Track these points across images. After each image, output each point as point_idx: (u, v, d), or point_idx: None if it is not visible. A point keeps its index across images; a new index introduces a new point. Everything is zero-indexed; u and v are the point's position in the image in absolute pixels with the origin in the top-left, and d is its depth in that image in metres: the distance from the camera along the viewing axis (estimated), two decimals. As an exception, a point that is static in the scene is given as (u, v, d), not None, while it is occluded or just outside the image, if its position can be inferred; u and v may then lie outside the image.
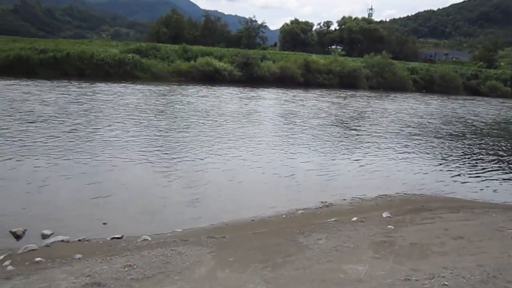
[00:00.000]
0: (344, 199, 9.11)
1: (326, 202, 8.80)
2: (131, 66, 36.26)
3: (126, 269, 4.79)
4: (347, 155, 13.33)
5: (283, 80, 41.07)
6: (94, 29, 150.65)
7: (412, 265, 5.23)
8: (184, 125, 16.14)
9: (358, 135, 17.23)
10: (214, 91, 30.68)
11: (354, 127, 19.13)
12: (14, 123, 14.03)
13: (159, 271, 4.78)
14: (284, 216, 7.84)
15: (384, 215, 7.87)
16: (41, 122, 14.61)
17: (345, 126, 19.29)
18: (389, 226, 7.00)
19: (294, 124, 18.46)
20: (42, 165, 9.82)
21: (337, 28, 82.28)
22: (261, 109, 22.95)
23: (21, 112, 16.03)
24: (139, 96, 24.31)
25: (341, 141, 15.56)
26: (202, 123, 16.93)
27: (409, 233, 6.66)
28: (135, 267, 4.85)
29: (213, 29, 67.50)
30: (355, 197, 9.27)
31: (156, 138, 13.69)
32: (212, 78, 37.80)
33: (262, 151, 12.92)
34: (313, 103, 28.00)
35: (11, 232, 6.34)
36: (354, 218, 7.51)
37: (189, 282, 4.54)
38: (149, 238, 6.19)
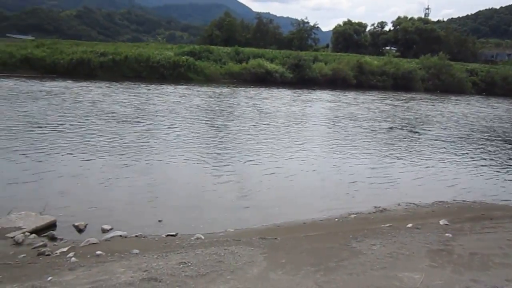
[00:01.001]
0: (399, 205, 8.85)
1: (380, 207, 8.59)
2: (185, 68, 37.19)
3: (181, 266, 4.90)
4: (402, 159, 12.94)
5: (335, 82, 40.55)
6: (150, 32, 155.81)
7: (472, 276, 4.99)
8: (238, 127, 16.33)
9: (417, 138, 16.68)
10: (266, 93, 30.82)
11: (415, 131, 18.52)
12: (99, 122, 14.88)
13: (212, 269, 4.86)
14: (336, 219, 7.73)
15: (441, 222, 7.57)
16: (115, 121, 15.39)
17: (405, 129, 18.70)
18: (446, 234, 6.72)
19: (348, 127, 18.18)
20: (105, 163, 10.32)
21: (392, 28, 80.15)
22: (314, 111, 22.80)
23: (105, 112, 16.91)
24: (197, 98, 24.88)
25: (397, 144, 15.13)
26: (255, 124, 17.07)
27: (468, 242, 6.36)
28: (190, 264, 4.96)
29: (265, 31, 67.91)
30: (410, 203, 8.97)
31: (211, 138, 13.97)
32: (264, 80, 38.00)
33: (315, 154, 12.82)
34: (368, 105, 27.44)
35: (74, 225, 6.69)
36: (410, 225, 7.27)
37: (241, 282, 4.58)
38: (203, 237, 6.31)
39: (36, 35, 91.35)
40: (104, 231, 6.56)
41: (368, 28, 79.55)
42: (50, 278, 4.53)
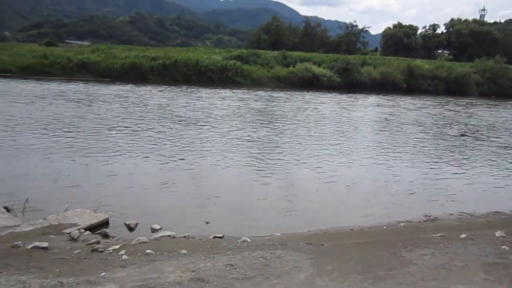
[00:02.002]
0: (451, 214, 8.50)
1: (431, 215, 8.29)
2: (233, 72, 37.69)
3: (228, 268, 4.95)
4: (456, 167, 12.42)
5: (384, 86, 39.66)
6: (199, 37, 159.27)
7: (533, 291, 4.72)
8: (284, 131, 16.34)
9: (477, 146, 15.93)
10: (313, 97, 30.63)
11: (475, 137, 17.72)
12: (158, 125, 15.43)
13: (259, 273, 4.88)
14: (385, 227, 7.54)
15: (497, 234, 7.19)
16: (172, 124, 15.87)
17: (462, 136, 17.94)
18: (503, 247, 6.38)
19: (400, 132, 17.72)
20: (158, 164, 10.68)
21: (444, 31, 77.25)
22: (364, 115, 22.43)
23: (164, 116, 17.50)
24: (246, 102, 25.14)
25: (452, 151, 14.56)
26: (302, 128, 17.01)
27: (527, 256, 6.01)
28: (236, 267, 5.00)
29: (313, 35, 67.53)
30: (464, 212, 8.60)
31: (259, 142, 14.06)
32: (311, 83, 37.79)
33: (363, 159, 12.59)
34: (420, 110, 26.61)
35: (125, 224, 6.92)
36: (463, 235, 6.97)
37: (288, 287, 4.56)
38: (249, 240, 6.34)
39: (92, 40, 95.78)
40: (154, 230, 6.75)
41: (419, 31, 77.04)
42: (103, 274, 4.71)
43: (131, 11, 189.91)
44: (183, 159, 11.26)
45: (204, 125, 16.42)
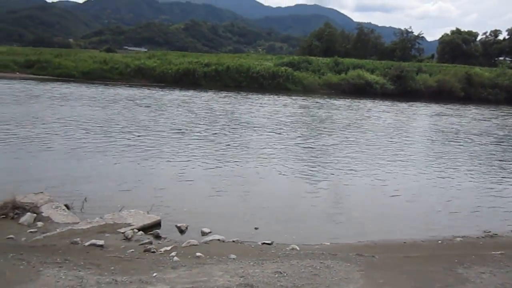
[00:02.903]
0: (513, 231, 8.03)
1: (490, 231, 7.85)
2: (284, 79, 37.73)
3: (276, 275, 4.93)
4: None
5: (440, 95, 38.19)
6: (251, 43, 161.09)
7: None
8: (337, 138, 16.13)
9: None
10: (366, 104, 30.05)
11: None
12: (215, 130, 15.84)
13: (307, 282, 4.82)
14: (439, 242, 7.23)
15: None
16: (230, 129, 16.23)
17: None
18: None
19: (458, 143, 16.98)
20: (211, 169, 10.88)
21: (507, 37, 73.43)
22: (419, 124, 21.77)
23: (240, 121, 17.93)
24: (297, 108, 25.13)
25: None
26: (356, 136, 16.71)
27: None
28: (285, 274, 4.96)
29: (366, 42, 66.37)
30: (527, 230, 8.09)
31: (310, 149, 13.99)
32: (363, 91, 37.08)
33: (418, 170, 12.14)
34: (480, 120, 25.42)
35: (176, 226, 7.08)
36: (526, 254, 6.55)
37: (337, 298, 4.48)
38: (298, 248, 6.29)
39: (148, 47, 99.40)
40: (204, 233, 6.85)
41: (479, 37, 73.72)
42: (155, 274, 4.83)
43: (186, 18, 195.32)
44: (233, 165, 11.39)
45: (261, 131, 16.63)
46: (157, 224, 7.12)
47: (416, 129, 20.29)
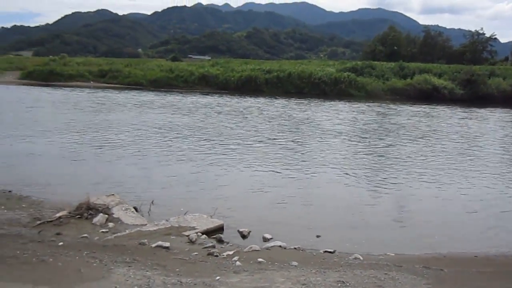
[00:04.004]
0: None
1: None
2: (346, 84, 37.13)
3: (339, 285, 4.84)
4: None
5: (515, 99, 35.65)
6: (312, 49, 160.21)
7: None
8: (403, 146, 15.62)
9: None
10: (433, 110, 28.80)
11: None
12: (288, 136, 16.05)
13: (371, 293, 4.69)
14: (516, 257, 6.75)
15: None
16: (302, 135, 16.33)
17: None
18: None
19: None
20: (277, 175, 11.00)
21: None
22: (493, 132, 20.47)
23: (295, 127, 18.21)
24: (361, 114, 24.71)
25: None
26: (422, 144, 16.06)
27: None
28: (348, 284, 4.86)
29: (433, 45, 63.63)
30: None
31: (373, 157, 13.70)
32: (430, 96, 35.48)
33: (490, 181, 11.39)
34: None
35: (238, 231, 7.18)
36: None
37: (403, 311, 4.31)
38: (361, 257, 6.14)
39: (212, 55, 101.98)
40: (265, 239, 6.88)
41: (562, 37, 68.24)
42: (218, 277, 4.92)
43: (248, 26, 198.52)
44: (296, 171, 11.39)
45: (331, 138, 16.61)
46: (220, 229, 7.26)
47: (496, 137, 19.06)
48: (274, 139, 15.94)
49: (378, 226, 7.93)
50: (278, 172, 11.19)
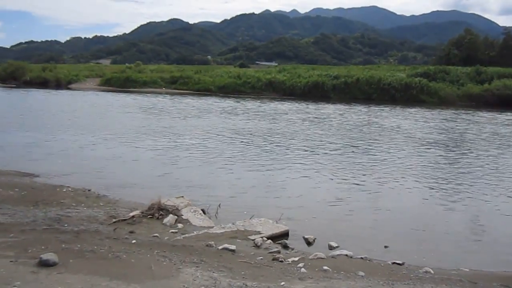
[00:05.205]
0: None
1: None
2: (417, 90, 35.84)
3: (408, 298, 4.66)
4: None
5: None
6: (382, 54, 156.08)
7: None
8: (478, 156, 14.77)
9: None
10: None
11: None
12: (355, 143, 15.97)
13: (443, 309, 4.46)
14: None
15: None
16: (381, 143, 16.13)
17: None
18: None
19: None
20: (341, 182, 10.92)
21: None
22: None
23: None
24: (433, 122, 23.74)
25: None
26: (495, 156, 15.05)
27: None
28: (418, 298, 4.67)
29: (514, 48, 59.48)
30: None
31: (445, 166, 13.14)
32: (510, 103, 33.13)
33: None
34: None
35: (303, 238, 7.15)
36: None
37: (479, 331, 4.06)
38: (432, 271, 5.86)
39: (279, 61, 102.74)
40: (331, 247, 6.79)
41: None
42: (283, 283, 4.93)
43: (316, 32, 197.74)
44: (370, 180, 11.15)
45: (406, 146, 16.22)
46: (285, 234, 7.26)
47: None
48: (353, 146, 15.89)
49: (451, 240, 7.52)
50: (347, 180, 11.02)
